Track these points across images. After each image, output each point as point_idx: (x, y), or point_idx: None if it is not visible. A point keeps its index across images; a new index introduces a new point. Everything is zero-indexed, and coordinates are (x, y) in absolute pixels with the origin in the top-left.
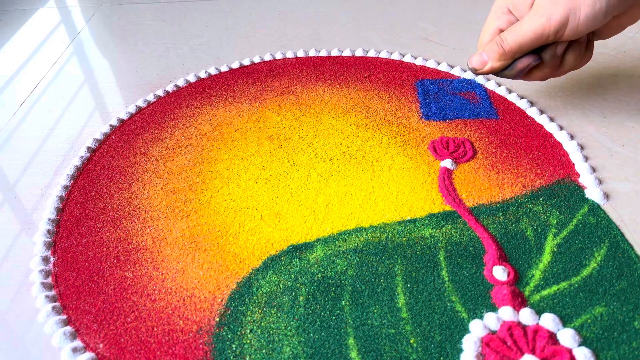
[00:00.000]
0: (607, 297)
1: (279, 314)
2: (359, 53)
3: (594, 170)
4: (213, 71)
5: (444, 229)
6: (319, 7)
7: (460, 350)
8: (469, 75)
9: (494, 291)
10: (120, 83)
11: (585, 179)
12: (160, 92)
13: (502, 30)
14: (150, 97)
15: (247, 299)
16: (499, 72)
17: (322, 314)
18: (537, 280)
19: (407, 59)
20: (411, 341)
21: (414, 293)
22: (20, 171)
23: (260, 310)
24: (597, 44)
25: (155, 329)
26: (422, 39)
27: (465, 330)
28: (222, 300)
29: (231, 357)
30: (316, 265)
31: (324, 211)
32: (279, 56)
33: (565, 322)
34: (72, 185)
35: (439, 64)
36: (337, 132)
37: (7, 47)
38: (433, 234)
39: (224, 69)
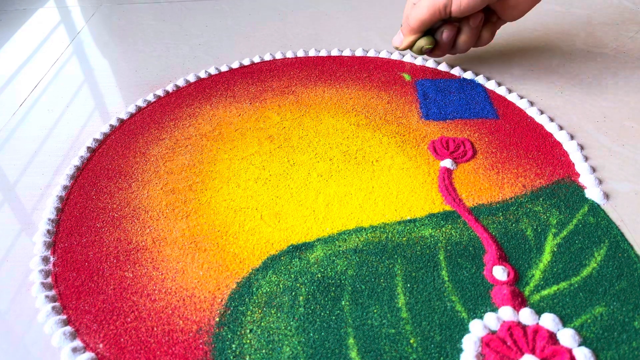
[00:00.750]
0: (607, 297)
1: (279, 314)
2: (359, 53)
3: (594, 170)
4: (213, 71)
5: (444, 229)
6: (319, 7)
7: (460, 350)
8: (469, 75)
9: (494, 291)
10: (120, 83)
11: (585, 179)
12: (160, 92)
13: None
14: (150, 97)
15: (247, 299)
16: (411, 49)
17: (322, 314)
18: (537, 280)
19: (407, 59)
20: (411, 341)
21: (414, 293)
22: (20, 171)
23: (260, 310)
24: (599, 44)
25: (155, 329)
26: None
27: (465, 330)
28: (222, 300)
29: (231, 357)
30: (316, 265)
31: (324, 211)
32: (279, 56)
33: (565, 322)
34: (72, 185)
35: (438, 64)
36: (337, 132)
37: (7, 47)
38: (433, 234)
39: (224, 69)
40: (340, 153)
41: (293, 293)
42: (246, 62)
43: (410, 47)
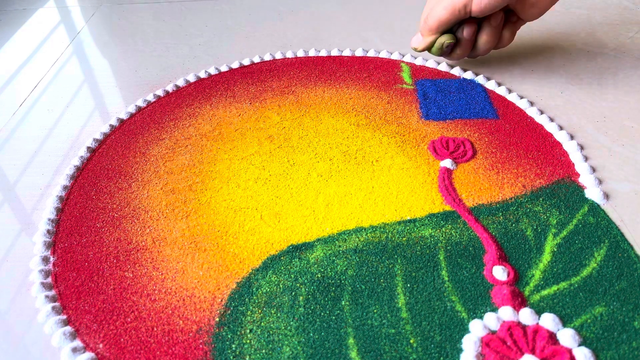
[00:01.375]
0: (607, 297)
1: (278, 314)
2: (359, 53)
3: (594, 170)
4: (213, 71)
5: (444, 229)
6: (319, 7)
7: (460, 350)
8: (469, 75)
9: (493, 291)
10: (120, 83)
11: (585, 178)
12: (160, 92)
13: None
14: (150, 97)
15: (247, 299)
16: (429, 50)
17: (322, 314)
18: (537, 280)
19: (407, 59)
20: (411, 341)
21: (414, 293)
22: (20, 171)
23: (260, 310)
24: (599, 44)
25: (155, 329)
26: None
27: (465, 330)
28: (222, 300)
29: (231, 357)
30: (316, 265)
31: (323, 211)
32: (279, 56)
33: (565, 322)
34: (72, 185)
35: (438, 64)
36: (337, 132)
37: (6, 47)
38: (433, 234)
39: (223, 68)
40: (340, 153)
41: (293, 293)
42: (246, 62)
43: (430, 47)
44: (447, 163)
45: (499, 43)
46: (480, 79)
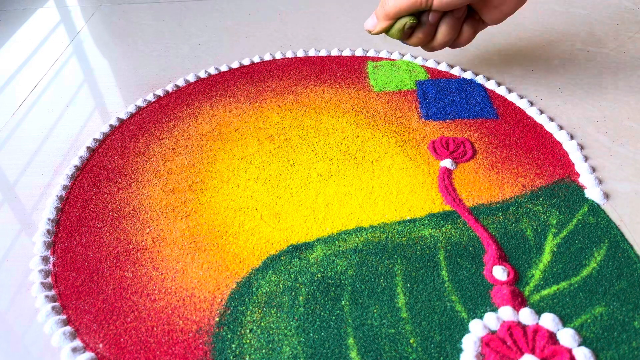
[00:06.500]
0: (607, 297)
1: (278, 314)
2: (359, 53)
3: (593, 170)
4: (213, 71)
5: (443, 229)
6: (319, 7)
7: (460, 350)
8: (468, 75)
9: (493, 291)
10: (120, 83)
11: (585, 178)
12: (160, 92)
13: None
14: (150, 97)
15: (246, 299)
16: (387, 32)
17: (322, 314)
18: (537, 280)
19: (407, 58)
20: (411, 341)
21: (414, 293)
22: (20, 171)
23: (260, 310)
24: (599, 44)
25: (155, 328)
26: None
27: (465, 330)
28: (221, 300)
29: (231, 357)
30: (316, 265)
31: (323, 211)
32: (278, 56)
33: (565, 322)
34: (71, 185)
35: (438, 63)
36: (337, 132)
37: (6, 47)
38: (433, 233)
39: (223, 68)
40: (340, 153)
41: (293, 293)
42: (246, 62)
43: (387, 30)
44: (447, 163)
45: (458, 39)
46: (480, 79)
